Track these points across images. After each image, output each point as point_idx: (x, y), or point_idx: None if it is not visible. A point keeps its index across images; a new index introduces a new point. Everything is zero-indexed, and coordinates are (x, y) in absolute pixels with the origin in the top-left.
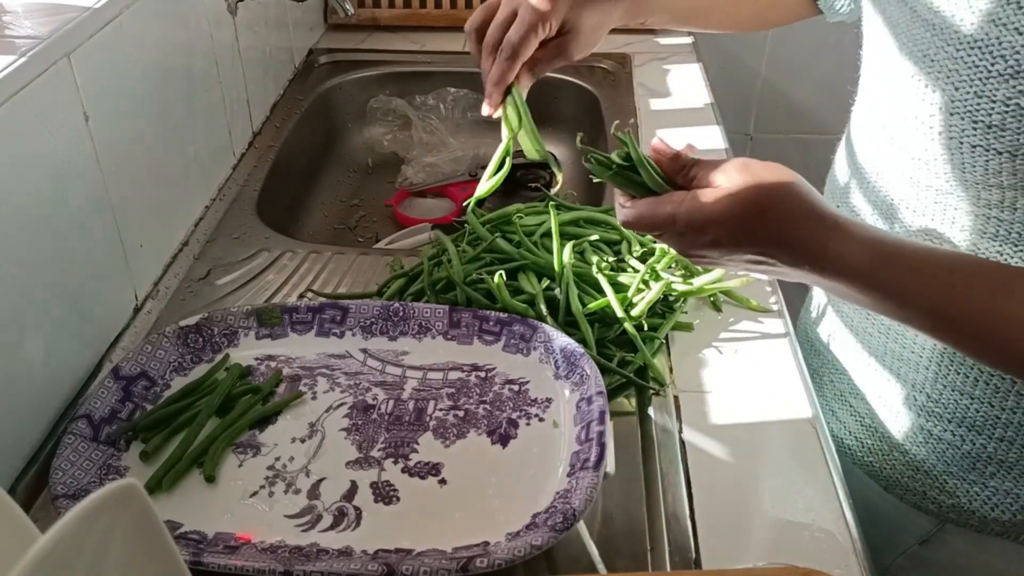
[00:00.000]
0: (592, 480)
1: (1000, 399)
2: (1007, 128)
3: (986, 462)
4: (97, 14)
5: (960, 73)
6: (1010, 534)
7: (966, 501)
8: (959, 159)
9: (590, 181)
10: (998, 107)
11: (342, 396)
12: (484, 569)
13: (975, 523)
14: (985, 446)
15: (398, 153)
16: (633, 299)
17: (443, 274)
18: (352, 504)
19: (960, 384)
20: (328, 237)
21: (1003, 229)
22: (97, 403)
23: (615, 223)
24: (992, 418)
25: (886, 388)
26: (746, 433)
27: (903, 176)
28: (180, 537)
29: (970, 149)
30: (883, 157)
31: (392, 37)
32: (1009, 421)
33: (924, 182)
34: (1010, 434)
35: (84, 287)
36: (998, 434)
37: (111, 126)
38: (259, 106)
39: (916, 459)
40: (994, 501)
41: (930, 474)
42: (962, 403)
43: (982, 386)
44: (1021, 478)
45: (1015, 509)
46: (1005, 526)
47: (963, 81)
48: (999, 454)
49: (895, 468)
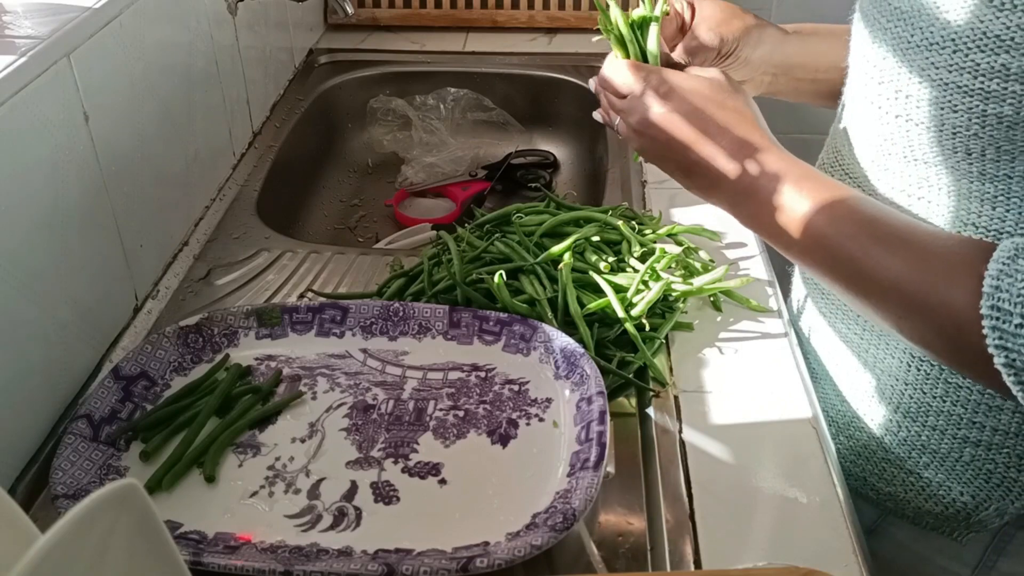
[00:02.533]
0: (592, 480)
1: (931, 386)
2: (922, 99)
3: (920, 451)
4: (97, 14)
5: (888, 43)
6: (944, 529)
7: (902, 490)
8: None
9: (590, 181)
10: (914, 77)
11: (342, 396)
12: (484, 569)
13: (911, 514)
14: (919, 434)
15: (398, 153)
16: (633, 299)
17: (443, 274)
18: (352, 504)
19: (895, 369)
20: (328, 237)
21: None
22: (97, 403)
23: (615, 223)
24: (924, 405)
25: (835, 370)
26: (746, 433)
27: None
28: (180, 537)
29: (893, 119)
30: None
31: (392, 37)
32: (940, 409)
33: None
34: (941, 423)
35: (84, 287)
36: (930, 422)
37: (111, 126)
38: (259, 106)
39: (859, 443)
40: (927, 492)
41: (871, 460)
42: (897, 388)
43: (914, 372)
44: (952, 471)
45: (947, 502)
46: (938, 519)
47: (889, 51)
48: (932, 443)
49: (840, 451)
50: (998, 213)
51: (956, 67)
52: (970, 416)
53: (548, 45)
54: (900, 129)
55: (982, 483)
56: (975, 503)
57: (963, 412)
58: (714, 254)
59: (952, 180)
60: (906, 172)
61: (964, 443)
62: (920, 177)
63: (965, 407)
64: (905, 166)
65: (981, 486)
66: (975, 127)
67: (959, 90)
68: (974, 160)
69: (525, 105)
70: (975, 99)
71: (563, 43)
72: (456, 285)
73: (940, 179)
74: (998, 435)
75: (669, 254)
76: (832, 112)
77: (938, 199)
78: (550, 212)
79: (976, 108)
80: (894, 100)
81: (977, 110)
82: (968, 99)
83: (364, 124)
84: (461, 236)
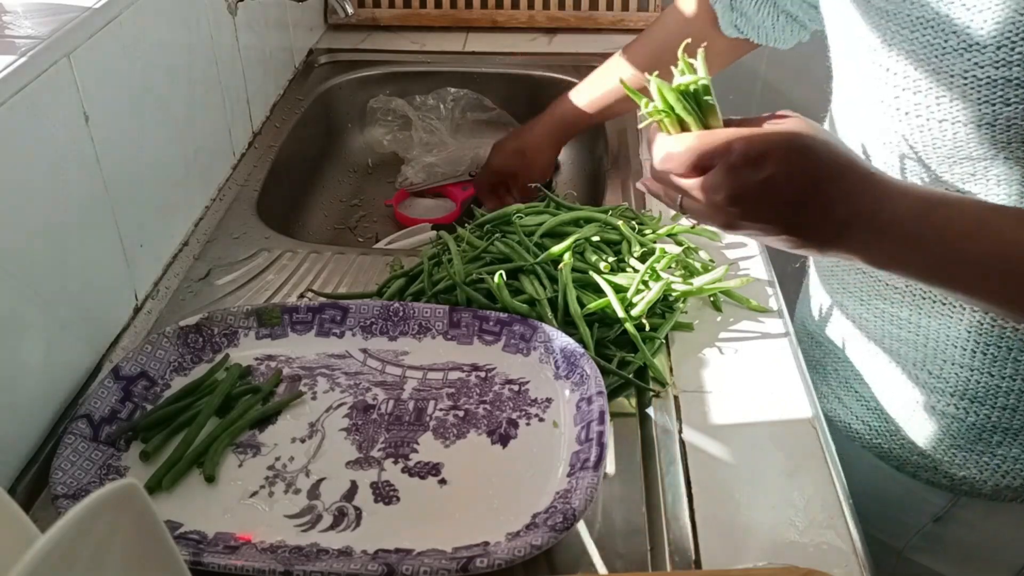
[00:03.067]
0: (592, 480)
1: (999, 368)
2: (968, 99)
3: (991, 432)
4: (97, 14)
5: (917, 53)
6: (1022, 498)
7: (976, 472)
8: (927, 136)
9: (590, 181)
10: (956, 80)
11: (342, 396)
12: (484, 569)
13: (988, 492)
14: (989, 416)
15: (398, 153)
16: (633, 299)
17: (443, 274)
18: (352, 504)
19: (959, 358)
20: (328, 237)
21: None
22: (97, 403)
23: (615, 223)
24: (993, 388)
25: (887, 370)
26: (746, 433)
27: (879, 162)
28: (180, 537)
29: (937, 124)
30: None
31: (392, 37)
32: (1010, 389)
33: (899, 166)
34: (1012, 402)
35: (84, 287)
36: (1000, 403)
37: (111, 126)
38: (259, 106)
39: (924, 436)
40: (1004, 469)
41: (939, 449)
42: (963, 376)
43: (980, 357)
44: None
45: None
46: (1018, 491)
47: (921, 60)
48: (1003, 423)
49: (904, 447)
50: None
51: (1003, 63)
52: None
53: (548, 45)
54: (946, 132)
55: None
56: None
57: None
58: (714, 254)
59: (1004, 169)
60: (952, 171)
61: None
62: (967, 173)
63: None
64: (950, 166)
65: None
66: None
67: (1009, 84)
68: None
69: (525, 105)
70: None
71: (563, 43)
72: (456, 285)
73: (988, 171)
74: None
75: (669, 254)
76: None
77: (985, 189)
78: (550, 212)
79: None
80: (936, 106)
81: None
82: (1020, 91)
83: (364, 124)
84: (461, 236)
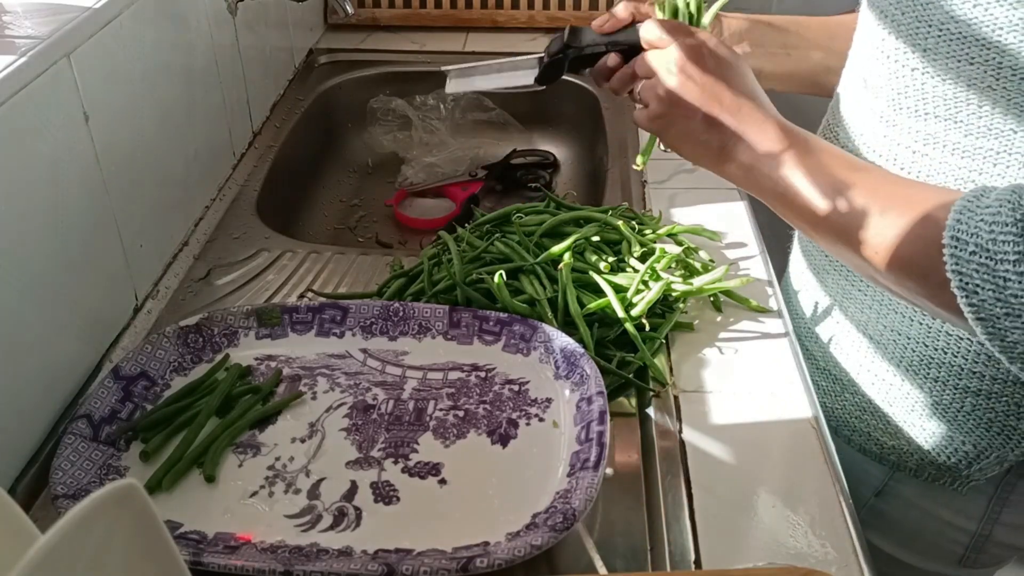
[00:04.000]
0: (592, 480)
1: (932, 339)
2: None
3: (923, 403)
4: (97, 14)
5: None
6: (945, 480)
7: (905, 443)
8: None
9: (590, 181)
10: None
11: (342, 396)
12: (484, 569)
13: (913, 466)
14: (921, 386)
15: (398, 153)
16: (633, 299)
17: (443, 274)
18: (352, 504)
19: (897, 324)
20: (328, 237)
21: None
22: (97, 403)
23: (615, 223)
24: (926, 358)
25: (837, 329)
26: (746, 433)
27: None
28: (180, 537)
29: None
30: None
31: (392, 37)
32: (941, 361)
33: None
34: (943, 374)
35: (84, 287)
36: (932, 374)
37: (111, 126)
38: (259, 106)
39: (863, 400)
40: (931, 443)
41: (875, 415)
42: (899, 343)
43: (916, 325)
44: (955, 421)
45: (949, 452)
46: (940, 470)
47: (907, 5)
48: (934, 395)
49: (845, 408)
50: (998, 171)
51: (976, 21)
52: (970, 366)
53: None
54: (915, 82)
55: (983, 432)
56: (976, 452)
57: (963, 363)
58: (714, 254)
59: (959, 136)
60: (914, 128)
61: (965, 393)
62: (928, 133)
63: (966, 358)
64: (915, 121)
65: (982, 435)
66: (990, 79)
67: (977, 43)
68: (984, 113)
69: (525, 105)
70: (992, 51)
71: None
72: (456, 285)
73: (948, 135)
74: (997, 384)
75: (669, 254)
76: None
77: (942, 156)
78: (550, 212)
79: (992, 60)
80: (911, 53)
81: (993, 62)
82: (985, 51)
83: (364, 124)
84: (461, 236)
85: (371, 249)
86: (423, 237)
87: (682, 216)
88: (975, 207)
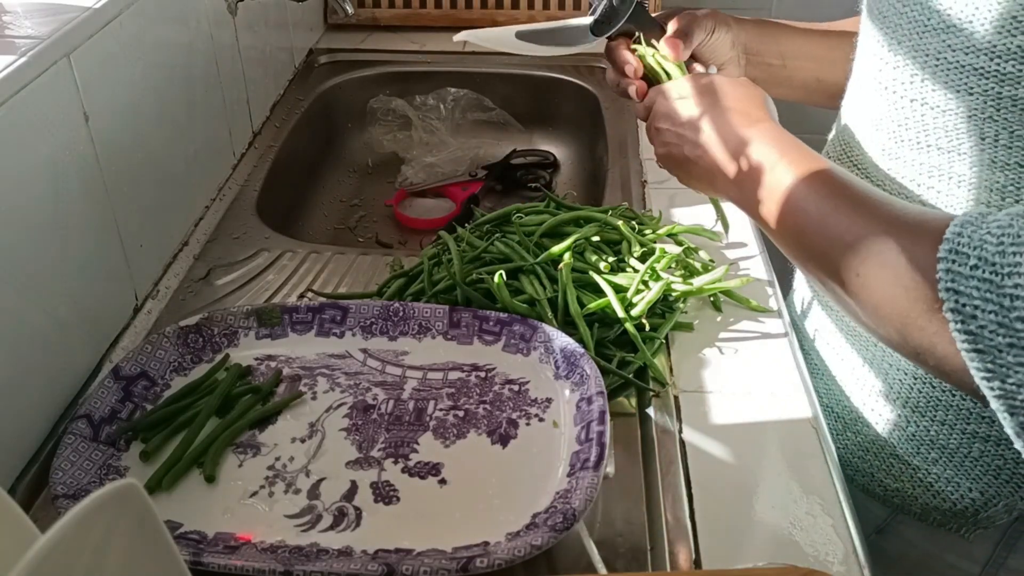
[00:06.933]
0: (592, 480)
1: (940, 380)
2: (938, 81)
3: (929, 446)
4: (97, 14)
5: (902, 28)
6: (951, 526)
7: (910, 487)
8: (900, 115)
9: (590, 181)
10: (930, 60)
11: (342, 396)
12: (484, 569)
13: (918, 510)
14: (928, 429)
15: (398, 153)
16: (633, 299)
17: (443, 274)
18: (352, 504)
19: (904, 364)
20: (328, 237)
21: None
22: (97, 403)
23: (615, 223)
24: (934, 400)
25: (840, 367)
26: (746, 433)
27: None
28: (180, 537)
29: (908, 103)
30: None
31: (392, 37)
32: (949, 404)
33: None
34: (950, 418)
35: (84, 287)
36: (939, 417)
37: (111, 126)
38: (259, 106)
39: (867, 440)
40: (935, 489)
41: (879, 456)
42: (906, 383)
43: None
44: (961, 466)
45: (955, 499)
46: (946, 516)
47: (904, 35)
48: (940, 438)
49: (847, 448)
50: (1007, 203)
51: (973, 49)
52: (979, 411)
53: None
54: (915, 113)
55: (991, 479)
56: (984, 499)
57: (972, 406)
58: (714, 254)
59: (964, 168)
60: (918, 160)
61: (973, 438)
62: (932, 166)
63: (974, 402)
64: (917, 154)
65: (990, 482)
66: (990, 110)
67: (975, 72)
68: (987, 145)
69: (525, 105)
70: (991, 81)
71: None
72: (456, 285)
73: (952, 167)
74: None
75: (669, 254)
76: (833, 112)
77: (948, 189)
78: (550, 212)
79: (991, 90)
80: (909, 84)
81: (992, 92)
82: (984, 81)
83: (364, 124)
84: (461, 236)
85: (371, 249)
86: (423, 237)
87: (682, 216)
88: (981, 221)
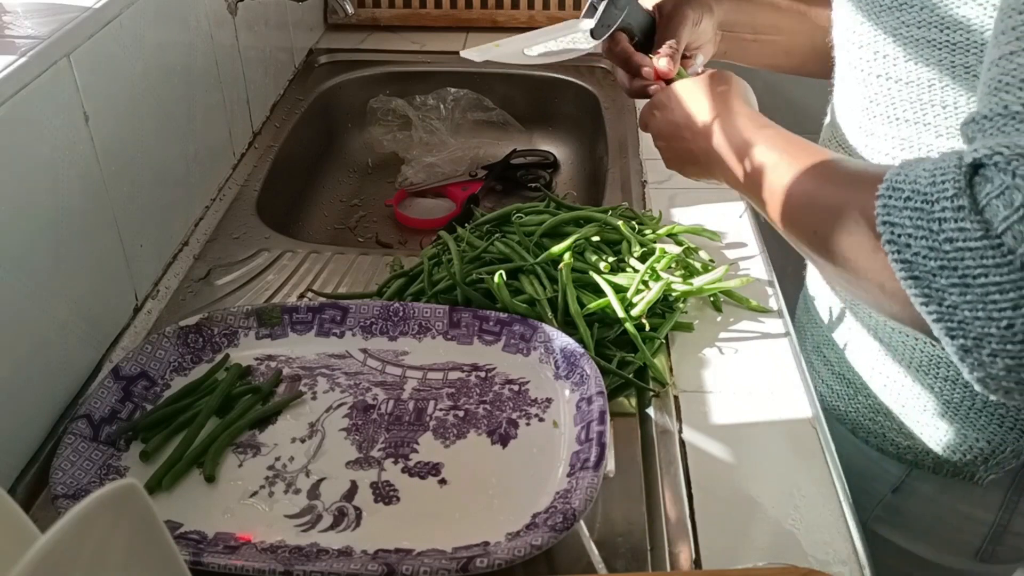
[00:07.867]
0: (592, 480)
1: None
2: (897, 57)
3: (935, 402)
4: (97, 14)
5: (863, 9)
6: (964, 474)
7: (921, 443)
8: (869, 91)
9: (590, 181)
10: (888, 37)
11: (342, 396)
12: (484, 569)
13: (931, 464)
14: (932, 386)
15: (398, 153)
16: (633, 299)
17: (443, 274)
18: (352, 504)
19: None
20: (328, 237)
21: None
22: (97, 403)
23: (615, 223)
24: (935, 358)
25: (849, 334)
26: (746, 433)
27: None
28: (180, 537)
29: (875, 79)
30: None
31: (392, 37)
32: (951, 361)
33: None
34: (952, 373)
35: (84, 287)
36: (941, 373)
37: (111, 126)
38: (259, 106)
39: (877, 402)
40: (945, 442)
41: (889, 416)
42: (908, 344)
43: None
44: (967, 419)
45: (964, 449)
46: (957, 466)
47: (865, 15)
48: (945, 394)
49: (859, 411)
50: None
51: (924, 23)
52: None
53: None
54: (883, 88)
55: (996, 428)
56: (991, 448)
57: None
58: (714, 254)
59: (931, 138)
60: (890, 134)
61: (975, 390)
62: (902, 138)
63: None
64: (888, 127)
65: (995, 431)
66: (946, 79)
67: (929, 44)
68: (948, 113)
69: (525, 105)
70: (943, 51)
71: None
72: (456, 285)
73: (920, 138)
74: None
75: (669, 254)
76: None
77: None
78: (550, 212)
79: (945, 60)
80: (874, 61)
81: (946, 61)
82: (938, 52)
83: (364, 124)
84: (461, 236)
85: (371, 249)
86: (423, 237)
87: (682, 216)
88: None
